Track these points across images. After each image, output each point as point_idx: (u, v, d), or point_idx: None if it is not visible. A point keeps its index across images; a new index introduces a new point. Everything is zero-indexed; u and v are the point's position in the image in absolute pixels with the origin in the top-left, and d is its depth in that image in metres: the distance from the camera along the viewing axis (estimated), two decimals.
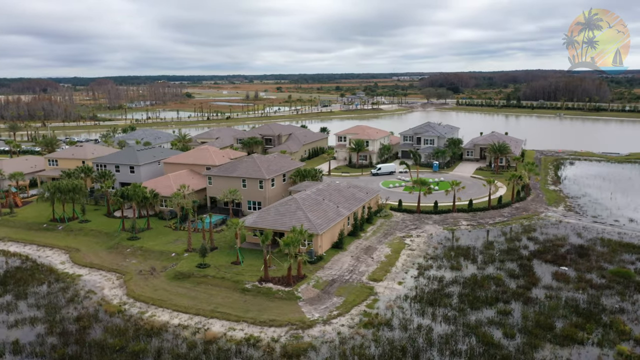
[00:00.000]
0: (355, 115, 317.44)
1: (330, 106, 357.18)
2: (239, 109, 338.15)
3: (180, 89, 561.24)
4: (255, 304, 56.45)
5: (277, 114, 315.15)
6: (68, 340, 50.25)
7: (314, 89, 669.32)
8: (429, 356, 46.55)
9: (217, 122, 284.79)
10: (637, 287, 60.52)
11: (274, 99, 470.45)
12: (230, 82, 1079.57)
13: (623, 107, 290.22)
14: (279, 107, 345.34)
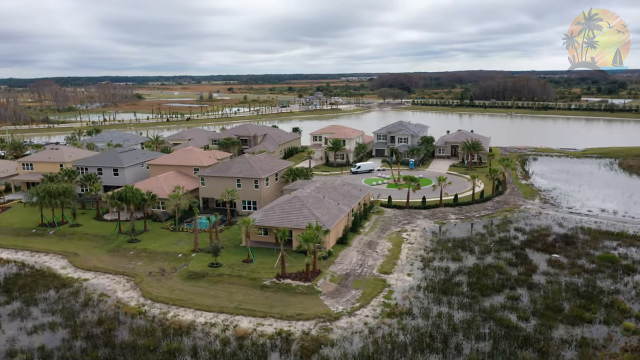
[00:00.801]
0: (315, 115, 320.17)
1: (289, 106, 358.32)
2: (197, 110, 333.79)
3: (130, 90, 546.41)
4: (278, 300, 57.60)
5: (237, 114, 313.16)
6: (97, 343, 49.85)
7: (266, 89, 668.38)
8: (457, 341, 49.31)
9: (177, 124, 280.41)
10: (624, 270, 65.76)
11: (228, 100, 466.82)
12: (178, 83, 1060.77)
13: (569, 106, 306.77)
14: (238, 108, 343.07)
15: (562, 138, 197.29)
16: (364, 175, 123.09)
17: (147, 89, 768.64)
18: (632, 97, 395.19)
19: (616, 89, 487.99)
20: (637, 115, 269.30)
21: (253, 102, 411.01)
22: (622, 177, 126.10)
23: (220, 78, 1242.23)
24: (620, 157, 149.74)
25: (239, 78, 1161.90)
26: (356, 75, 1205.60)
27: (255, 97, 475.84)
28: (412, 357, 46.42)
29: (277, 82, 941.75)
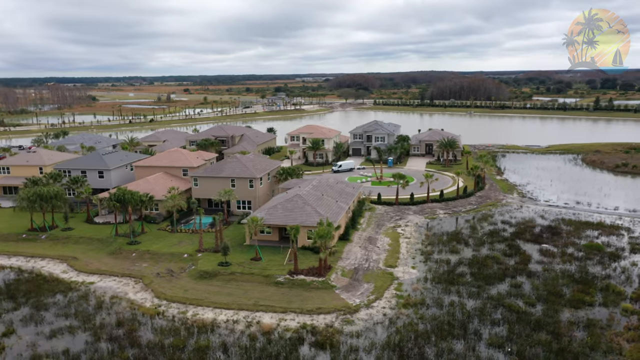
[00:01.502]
0: (279, 115, 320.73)
1: (251, 107, 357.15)
2: (158, 112, 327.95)
3: (84, 92, 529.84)
4: (295, 295, 58.82)
5: (201, 116, 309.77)
6: (122, 344, 49.74)
7: (223, 90, 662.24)
8: (475, 327, 52.01)
9: (140, 125, 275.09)
10: (610, 257, 70.50)
11: (187, 101, 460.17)
12: (130, 84, 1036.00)
13: (524, 105, 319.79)
14: (201, 110, 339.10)
15: (521, 135, 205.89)
16: (346, 173, 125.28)
17: (98, 90, 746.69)
18: (579, 96, 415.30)
19: (564, 89, 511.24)
20: (587, 114, 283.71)
21: (213, 103, 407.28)
22: (587, 171, 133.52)
23: (172, 79, 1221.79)
24: (581, 152, 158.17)
25: (192, 79, 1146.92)
26: (311, 75, 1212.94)
27: (217, 98, 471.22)
28: (437, 344, 48.73)
29: (231, 82, 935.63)
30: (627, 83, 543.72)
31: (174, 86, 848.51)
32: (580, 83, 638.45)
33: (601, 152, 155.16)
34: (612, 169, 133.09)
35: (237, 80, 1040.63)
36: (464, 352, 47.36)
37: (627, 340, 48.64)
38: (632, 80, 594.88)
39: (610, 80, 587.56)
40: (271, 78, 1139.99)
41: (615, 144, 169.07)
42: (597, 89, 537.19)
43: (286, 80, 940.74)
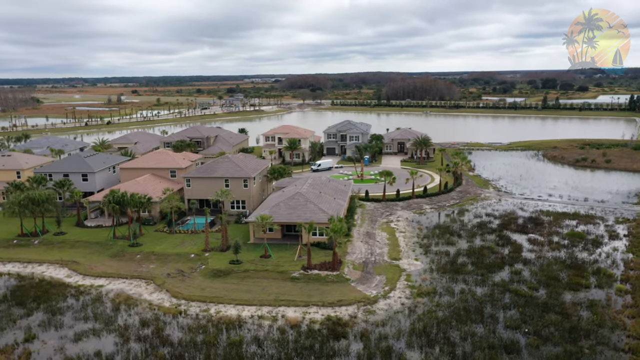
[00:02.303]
0: (239, 116, 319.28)
1: (209, 108, 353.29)
2: (115, 113, 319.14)
3: (28, 94, 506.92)
4: (314, 289, 60.48)
5: (159, 117, 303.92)
6: (153, 344, 49.98)
7: (172, 91, 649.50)
8: (490, 311, 55.39)
9: (97, 128, 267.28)
10: (593, 244, 76.02)
11: (139, 103, 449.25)
12: (72, 85, 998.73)
13: (477, 104, 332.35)
14: (158, 112, 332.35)
15: (477, 133, 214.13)
16: (326, 172, 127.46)
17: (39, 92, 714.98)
18: (524, 96, 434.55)
19: (509, 89, 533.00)
20: (536, 112, 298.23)
21: (169, 104, 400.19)
22: (550, 166, 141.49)
23: (116, 80, 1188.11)
24: (541, 149, 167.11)
25: (137, 80, 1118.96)
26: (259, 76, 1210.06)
27: (169, 99, 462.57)
28: (459, 328, 51.73)
29: (179, 83, 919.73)
30: (567, 83, 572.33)
31: (120, 87, 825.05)
32: (522, 83, 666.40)
33: (559, 148, 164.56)
34: (572, 163, 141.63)
35: (184, 81, 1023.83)
36: (486, 334, 50.56)
37: (628, 317, 53.31)
38: (570, 81, 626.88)
39: (551, 80, 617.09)
40: (219, 79, 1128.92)
41: (570, 140, 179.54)
42: (539, 88, 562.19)
43: (236, 81, 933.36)
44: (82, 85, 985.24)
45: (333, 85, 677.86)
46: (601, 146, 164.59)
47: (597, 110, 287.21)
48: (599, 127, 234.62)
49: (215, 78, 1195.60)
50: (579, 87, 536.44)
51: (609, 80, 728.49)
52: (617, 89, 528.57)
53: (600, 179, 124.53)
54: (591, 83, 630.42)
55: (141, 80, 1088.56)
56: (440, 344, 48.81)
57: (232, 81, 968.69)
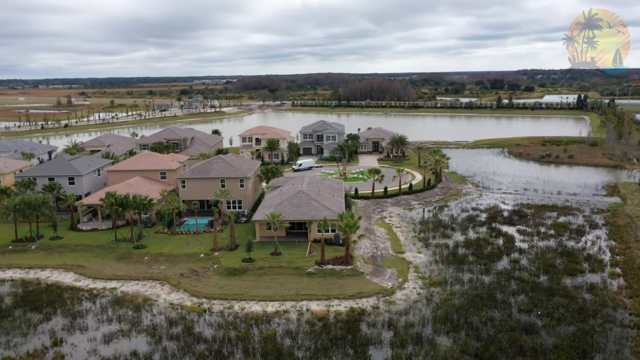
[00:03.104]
0: (200, 118, 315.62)
1: (168, 110, 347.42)
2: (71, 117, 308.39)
3: None
4: (332, 283, 62.35)
5: (119, 119, 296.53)
6: (188, 341, 50.53)
7: (122, 93, 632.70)
8: (502, 298, 58.95)
9: (55, 131, 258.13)
10: (577, 233, 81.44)
11: (90, 105, 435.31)
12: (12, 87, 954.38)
13: (435, 104, 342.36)
14: (116, 114, 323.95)
15: (438, 132, 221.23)
16: (307, 172, 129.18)
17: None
18: (475, 96, 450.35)
19: (461, 89, 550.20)
20: (491, 112, 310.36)
21: (127, 107, 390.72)
22: (518, 162, 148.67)
23: (58, 82, 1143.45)
24: (505, 146, 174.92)
25: (81, 81, 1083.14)
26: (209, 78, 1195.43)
27: (122, 101, 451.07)
28: (478, 314, 54.93)
29: (126, 85, 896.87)
30: (514, 84, 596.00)
31: (64, 90, 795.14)
32: (470, 84, 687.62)
33: (522, 146, 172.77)
34: (538, 159, 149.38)
35: (132, 83, 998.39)
36: (504, 318, 53.98)
37: (626, 297, 58.12)
38: (514, 81, 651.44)
39: (499, 81, 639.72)
40: (167, 80, 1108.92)
41: (531, 137, 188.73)
42: (487, 89, 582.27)
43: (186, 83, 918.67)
44: (22, 87, 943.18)
45: (287, 86, 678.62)
46: (561, 143, 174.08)
47: (548, 110, 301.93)
48: (551, 125, 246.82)
49: (163, 79, 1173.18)
50: (526, 88, 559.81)
51: (551, 81, 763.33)
52: (560, 89, 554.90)
53: (567, 173, 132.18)
54: (535, 83, 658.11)
55: (85, 82, 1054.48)
56: (465, 329, 51.81)
57: (182, 82, 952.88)
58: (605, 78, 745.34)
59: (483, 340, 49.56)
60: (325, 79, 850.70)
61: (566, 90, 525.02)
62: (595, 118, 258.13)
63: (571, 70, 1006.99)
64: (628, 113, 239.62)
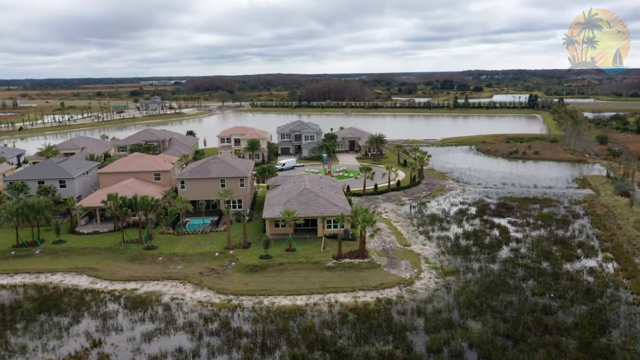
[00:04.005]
0: (160, 120, 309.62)
1: (124, 112, 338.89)
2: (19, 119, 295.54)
3: None
4: (352, 276, 64.61)
5: (76, 122, 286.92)
6: (229, 336, 51.59)
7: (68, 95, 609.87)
8: (514, 283, 63.01)
9: (9, 135, 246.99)
10: (563, 222, 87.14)
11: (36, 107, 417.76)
12: None
13: (394, 104, 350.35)
14: (71, 116, 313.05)
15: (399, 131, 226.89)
16: (292, 171, 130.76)
17: None
18: (427, 96, 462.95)
19: (413, 89, 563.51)
20: (449, 111, 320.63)
21: (71, 108, 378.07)
22: (488, 159, 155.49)
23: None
24: (471, 143, 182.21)
25: (19, 83, 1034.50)
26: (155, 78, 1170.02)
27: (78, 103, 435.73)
28: (496, 299, 58.63)
29: (68, 87, 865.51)
30: (463, 84, 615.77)
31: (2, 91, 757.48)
32: (420, 84, 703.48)
33: (488, 143, 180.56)
34: (506, 156, 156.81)
35: (74, 84, 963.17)
36: (522, 301, 57.94)
37: (624, 279, 63.48)
38: (461, 82, 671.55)
39: (448, 81, 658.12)
40: (111, 81, 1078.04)
41: (495, 135, 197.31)
42: (438, 89, 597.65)
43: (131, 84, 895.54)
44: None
45: (240, 87, 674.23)
46: (523, 140, 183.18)
47: (501, 109, 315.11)
48: (505, 123, 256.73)
49: (107, 80, 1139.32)
50: (475, 88, 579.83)
51: (496, 81, 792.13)
52: (507, 89, 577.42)
53: (537, 168, 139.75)
54: (481, 84, 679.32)
55: (24, 83, 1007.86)
56: (489, 313, 55.35)
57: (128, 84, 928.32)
58: (547, 79, 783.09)
59: (509, 322, 53.22)
60: (277, 79, 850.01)
61: (513, 90, 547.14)
62: (547, 116, 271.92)
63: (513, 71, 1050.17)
64: (578, 111, 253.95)
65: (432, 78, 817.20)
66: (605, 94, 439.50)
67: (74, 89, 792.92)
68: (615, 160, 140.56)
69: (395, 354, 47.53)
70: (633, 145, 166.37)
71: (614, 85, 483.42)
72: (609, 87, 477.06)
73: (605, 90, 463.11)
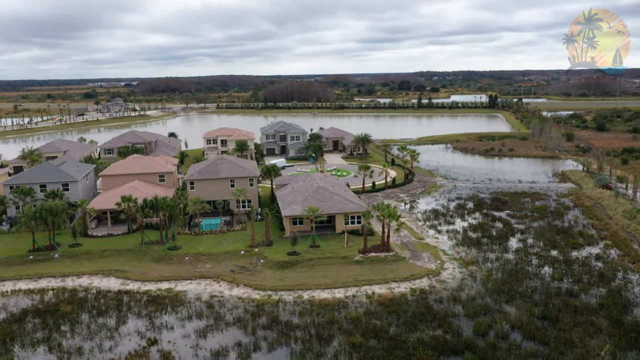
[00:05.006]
0: (125, 122, 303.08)
1: (85, 114, 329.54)
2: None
3: None
4: (382, 268, 67.26)
5: (37, 125, 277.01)
6: (281, 329, 53.21)
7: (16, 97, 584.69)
8: (532, 270, 67.32)
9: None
10: (558, 214, 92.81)
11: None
12: None
13: (360, 105, 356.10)
14: (31, 118, 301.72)
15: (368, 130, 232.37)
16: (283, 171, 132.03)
17: None
18: (387, 97, 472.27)
19: (373, 90, 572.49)
20: (413, 111, 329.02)
21: (25, 111, 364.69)
22: (466, 156, 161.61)
23: None
24: (446, 142, 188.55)
25: None
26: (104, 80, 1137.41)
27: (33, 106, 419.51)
28: (521, 285, 62.68)
29: (11, 89, 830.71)
30: (420, 85, 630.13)
31: None
32: (377, 85, 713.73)
33: (461, 141, 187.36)
34: (483, 153, 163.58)
35: (17, 87, 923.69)
36: (545, 286, 62.24)
37: (630, 263, 69.00)
38: (415, 83, 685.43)
39: (405, 82, 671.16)
40: (57, 83, 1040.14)
41: (468, 134, 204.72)
42: (395, 90, 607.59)
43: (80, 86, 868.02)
44: None
45: (196, 88, 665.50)
46: (495, 138, 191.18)
47: (463, 108, 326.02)
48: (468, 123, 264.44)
49: (53, 82, 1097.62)
50: (432, 88, 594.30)
51: (449, 82, 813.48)
52: (461, 89, 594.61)
53: (515, 164, 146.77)
54: (434, 84, 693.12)
55: None
56: (518, 298, 59.25)
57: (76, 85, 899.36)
58: (497, 79, 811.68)
59: (540, 305, 57.26)
60: (233, 81, 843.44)
61: (468, 90, 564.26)
62: (509, 115, 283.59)
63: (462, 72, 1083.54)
64: (536, 110, 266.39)
65: (386, 79, 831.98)
66: (555, 94, 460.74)
67: (18, 91, 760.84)
68: (585, 156, 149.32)
69: (447, 338, 50.52)
70: (597, 142, 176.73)
71: (561, 86, 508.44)
72: (557, 88, 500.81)
73: (555, 90, 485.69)
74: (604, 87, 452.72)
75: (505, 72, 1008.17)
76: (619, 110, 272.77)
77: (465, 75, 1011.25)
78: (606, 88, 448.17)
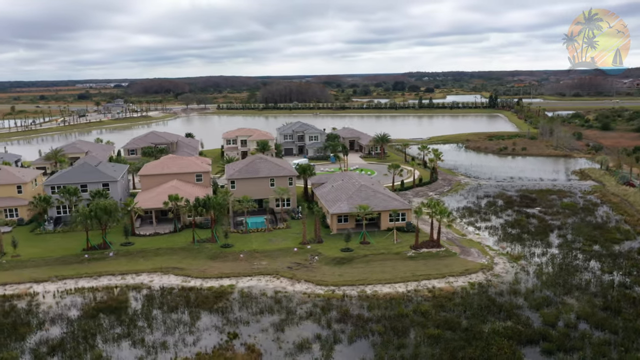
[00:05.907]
0: (128, 123, 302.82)
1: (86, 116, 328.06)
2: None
3: None
4: (436, 263, 69.06)
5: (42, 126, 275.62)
6: (355, 323, 54.73)
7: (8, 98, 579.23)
8: (581, 264, 69.49)
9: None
10: (587, 210, 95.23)
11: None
12: None
13: (362, 105, 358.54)
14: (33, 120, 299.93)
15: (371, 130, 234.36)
16: None
17: None
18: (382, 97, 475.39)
19: (369, 91, 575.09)
20: (414, 111, 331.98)
21: (22, 112, 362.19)
22: (480, 156, 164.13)
23: None
24: (457, 142, 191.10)
25: None
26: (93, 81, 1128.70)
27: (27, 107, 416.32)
28: (575, 278, 64.83)
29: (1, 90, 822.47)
30: (414, 85, 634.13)
31: None
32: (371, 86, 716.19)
33: (472, 141, 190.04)
34: (497, 152, 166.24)
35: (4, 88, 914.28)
36: (597, 278, 64.44)
37: None
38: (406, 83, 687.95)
39: (400, 83, 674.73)
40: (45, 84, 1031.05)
41: (477, 133, 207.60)
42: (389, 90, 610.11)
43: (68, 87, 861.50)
44: None
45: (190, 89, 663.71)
46: (504, 137, 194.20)
47: (464, 109, 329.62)
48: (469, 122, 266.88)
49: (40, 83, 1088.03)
50: (427, 89, 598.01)
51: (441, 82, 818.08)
52: (455, 90, 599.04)
53: (530, 163, 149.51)
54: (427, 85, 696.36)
55: None
56: (575, 290, 61.36)
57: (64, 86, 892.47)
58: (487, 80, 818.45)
59: (599, 297, 59.40)
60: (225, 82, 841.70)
61: (462, 91, 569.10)
62: (511, 115, 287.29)
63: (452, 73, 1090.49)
64: (540, 110, 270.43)
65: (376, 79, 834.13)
66: (549, 94, 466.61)
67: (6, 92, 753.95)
68: (597, 155, 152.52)
69: (519, 328, 52.41)
70: (604, 140, 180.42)
71: (554, 86, 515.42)
72: (551, 88, 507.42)
73: (549, 90, 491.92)
74: (597, 87, 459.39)
75: (494, 73, 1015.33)
76: (618, 110, 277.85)
77: (455, 76, 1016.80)
78: (599, 88, 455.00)
